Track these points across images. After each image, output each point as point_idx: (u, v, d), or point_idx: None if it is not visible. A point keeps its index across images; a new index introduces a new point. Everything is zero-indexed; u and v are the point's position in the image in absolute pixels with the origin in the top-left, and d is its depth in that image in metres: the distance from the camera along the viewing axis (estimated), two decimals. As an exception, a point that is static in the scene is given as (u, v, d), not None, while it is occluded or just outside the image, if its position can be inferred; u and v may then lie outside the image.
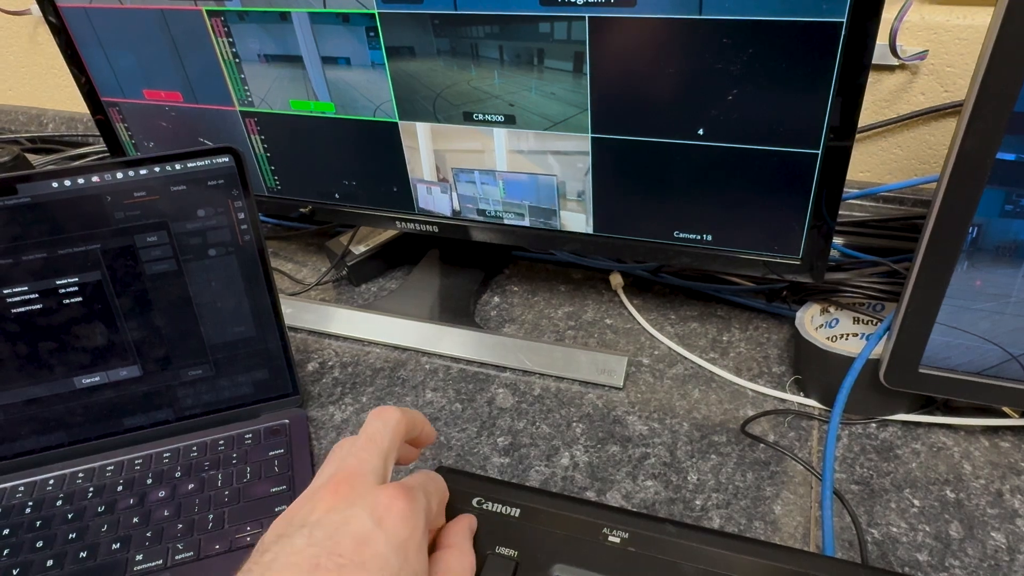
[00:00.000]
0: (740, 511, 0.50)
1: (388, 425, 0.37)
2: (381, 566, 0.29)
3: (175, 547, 0.49)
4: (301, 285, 0.78)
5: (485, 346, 0.66)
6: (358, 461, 0.34)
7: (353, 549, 0.29)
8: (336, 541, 0.30)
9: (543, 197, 0.62)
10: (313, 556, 0.29)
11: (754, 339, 0.66)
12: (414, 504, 0.33)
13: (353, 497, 0.32)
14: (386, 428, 0.37)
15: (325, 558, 0.29)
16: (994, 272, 0.45)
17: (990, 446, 0.54)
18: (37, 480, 0.54)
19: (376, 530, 0.31)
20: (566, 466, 0.55)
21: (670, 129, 0.54)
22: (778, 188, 0.53)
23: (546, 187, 0.61)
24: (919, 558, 0.46)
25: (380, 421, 0.37)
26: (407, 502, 0.32)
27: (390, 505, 0.32)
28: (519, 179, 0.61)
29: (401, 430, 0.37)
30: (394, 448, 0.36)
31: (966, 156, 0.42)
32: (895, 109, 0.68)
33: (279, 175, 0.71)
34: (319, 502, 0.32)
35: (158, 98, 0.69)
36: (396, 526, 0.31)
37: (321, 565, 0.29)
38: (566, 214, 0.62)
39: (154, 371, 0.56)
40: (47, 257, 0.51)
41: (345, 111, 0.63)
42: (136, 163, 0.51)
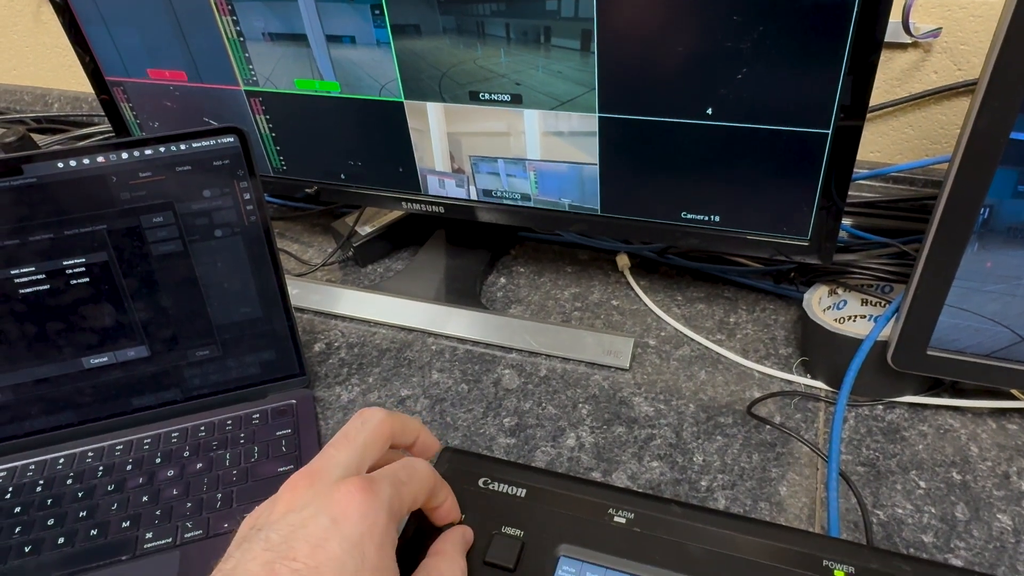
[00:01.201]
0: (745, 492, 0.50)
1: (367, 424, 0.36)
2: (337, 568, 0.29)
3: (184, 525, 0.49)
4: (307, 266, 0.78)
5: (491, 327, 0.66)
6: (324, 459, 0.34)
7: (308, 553, 0.29)
8: (291, 545, 0.29)
9: (588, 193, 0.53)
10: (269, 562, 0.29)
11: (761, 321, 0.66)
12: (374, 497, 0.31)
13: (310, 496, 0.31)
14: (364, 427, 0.36)
15: (280, 564, 0.29)
16: (1005, 253, 0.45)
17: (997, 428, 0.54)
18: (47, 459, 0.55)
19: (331, 529, 0.30)
20: (572, 447, 0.55)
21: (679, 108, 0.53)
22: (787, 168, 0.53)
23: (592, 181, 0.52)
24: (924, 539, 0.46)
25: (360, 420, 0.36)
26: (365, 495, 0.31)
27: (347, 501, 0.31)
28: (556, 170, 0.52)
29: (383, 431, 0.36)
30: (372, 448, 0.35)
31: (979, 135, 0.41)
32: (907, 88, 0.67)
33: (284, 155, 0.70)
34: (278, 503, 0.32)
35: (162, 77, 0.68)
36: (351, 524, 0.30)
37: (277, 572, 0.28)
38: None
39: (162, 351, 0.56)
40: (54, 238, 0.51)
41: (350, 90, 0.62)
42: (141, 143, 0.51)
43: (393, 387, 0.61)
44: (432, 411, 0.59)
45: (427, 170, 0.58)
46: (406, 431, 0.38)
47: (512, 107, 0.57)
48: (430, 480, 0.37)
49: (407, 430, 0.38)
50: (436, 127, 0.58)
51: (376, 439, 0.36)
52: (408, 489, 0.34)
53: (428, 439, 0.40)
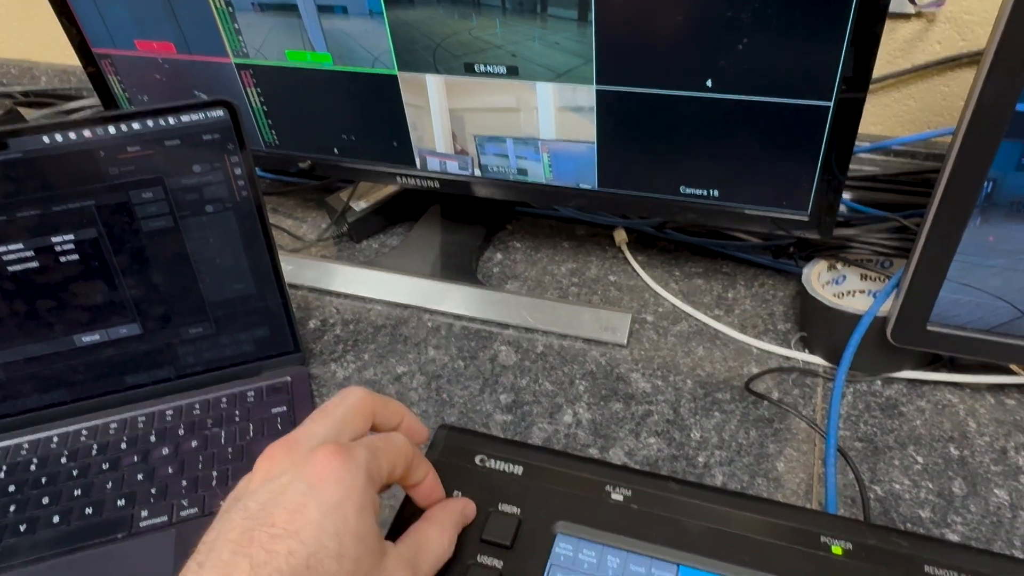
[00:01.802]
0: (743, 468, 0.50)
1: (346, 400, 0.36)
2: (316, 532, 0.29)
3: (179, 503, 0.49)
4: (301, 242, 0.78)
5: (488, 303, 0.66)
6: (301, 430, 0.33)
7: (287, 519, 0.29)
8: (269, 512, 0.29)
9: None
10: (248, 530, 0.29)
11: (759, 296, 0.66)
12: (350, 462, 0.31)
13: (287, 464, 0.31)
14: (343, 402, 0.35)
15: (259, 531, 0.28)
16: (1008, 227, 0.44)
17: (996, 403, 0.53)
18: (41, 438, 0.54)
19: (309, 495, 0.30)
20: (569, 423, 0.55)
21: (678, 80, 0.52)
22: (788, 142, 0.52)
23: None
24: (921, 515, 0.46)
25: (340, 396, 0.36)
26: (342, 460, 0.31)
27: (323, 467, 0.31)
28: (574, 151, 0.47)
29: (362, 409, 0.36)
30: (350, 423, 0.35)
31: (984, 108, 0.41)
32: (910, 59, 0.66)
33: (276, 129, 0.69)
34: (256, 473, 0.32)
35: (150, 49, 0.67)
36: (329, 488, 0.30)
37: (256, 539, 0.28)
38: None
39: (154, 329, 0.55)
40: (42, 214, 0.50)
41: (343, 62, 0.61)
42: (128, 117, 0.50)
43: (389, 364, 0.61)
44: (428, 388, 0.58)
45: (426, 151, 0.54)
46: (389, 412, 0.38)
47: (513, 79, 0.56)
48: (407, 451, 0.36)
49: (390, 411, 0.38)
50: (436, 103, 0.54)
51: (355, 415, 0.35)
52: (385, 455, 0.34)
53: (414, 424, 0.39)
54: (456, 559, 0.37)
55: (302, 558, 0.28)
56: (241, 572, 0.27)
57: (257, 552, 0.28)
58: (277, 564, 0.28)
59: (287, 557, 0.28)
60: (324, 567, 0.28)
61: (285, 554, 0.28)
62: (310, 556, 0.28)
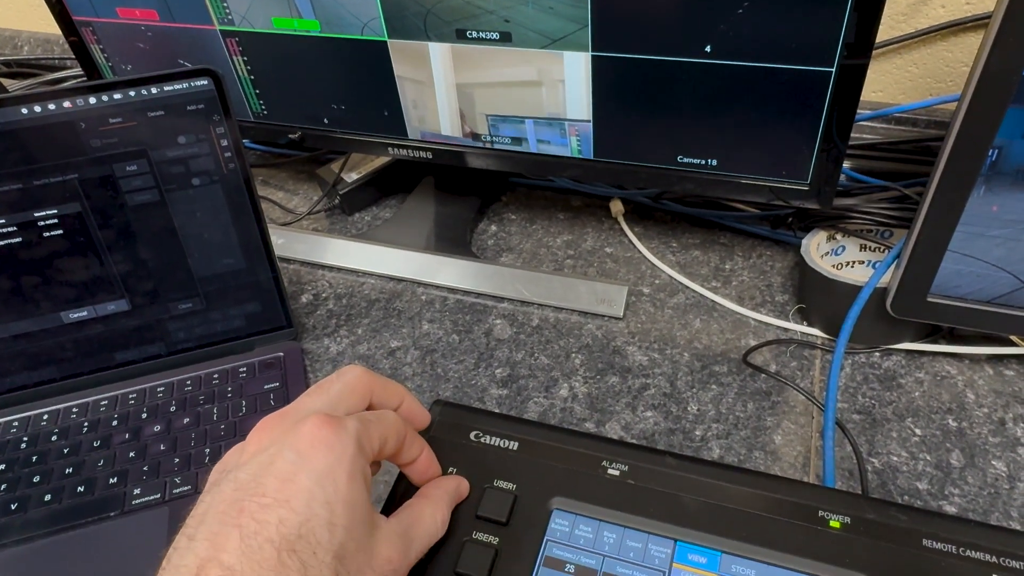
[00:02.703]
0: (740, 441, 0.50)
1: (343, 377, 0.35)
2: (306, 500, 0.28)
3: (172, 481, 0.49)
4: (292, 215, 0.76)
5: (482, 276, 0.65)
6: (294, 404, 0.33)
7: (277, 488, 0.29)
8: (259, 482, 0.29)
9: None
10: (238, 501, 0.28)
11: (757, 267, 0.65)
12: (339, 431, 0.31)
13: (276, 434, 0.31)
14: (340, 379, 0.35)
15: (249, 501, 0.28)
16: (1012, 197, 0.43)
17: (994, 374, 0.53)
18: (31, 415, 0.54)
19: (299, 463, 0.29)
20: (565, 397, 0.54)
21: (676, 46, 0.50)
22: (788, 109, 0.51)
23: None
24: (919, 487, 0.46)
25: (337, 374, 0.35)
26: (331, 429, 0.31)
27: (312, 436, 0.30)
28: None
29: (358, 386, 0.35)
30: (345, 399, 0.34)
31: (991, 73, 0.39)
32: (912, 24, 0.65)
33: (264, 99, 0.67)
34: (247, 446, 0.32)
35: (132, 16, 0.65)
36: (319, 456, 0.30)
37: (246, 509, 0.28)
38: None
39: (143, 305, 0.54)
40: (23, 188, 0.49)
41: (331, 29, 0.59)
42: (109, 87, 0.48)
43: (383, 338, 0.60)
44: (423, 362, 0.58)
45: (430, 134, 0.48)
46: (387, 392, 0.37)
47: (508, 45, 0.54)
48: (399, 428, 0.35)
49: (388, 392, 0.37)
50: (441, 76, 0.48)
51: (351, 392, 0.35)
52: (376, 428, 0.33)
53: (414, 407, 0.38)
54: (452, 535, 0.37)
55: (293, 527, 0.28)
56: (232, 543, 0.27)
57: (247, 522, 0.28)
58: (268, 534, 0.27)
59: (278, 526, 0.28)
60: (316, 536, 0.28)
61: (276, 523, 0.28)
62: (301, 525, 0.28)
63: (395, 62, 0.58)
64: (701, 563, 0.35)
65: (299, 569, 0.27)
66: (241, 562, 0.26)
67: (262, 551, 0.27)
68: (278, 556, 0.27)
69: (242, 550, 0.27)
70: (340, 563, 0.28)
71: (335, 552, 0.28)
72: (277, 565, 0.27)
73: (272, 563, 0.27)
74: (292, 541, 0.27)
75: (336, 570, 0.28)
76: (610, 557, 0.36)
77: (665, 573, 0.35)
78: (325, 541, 0.28)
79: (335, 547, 0.28)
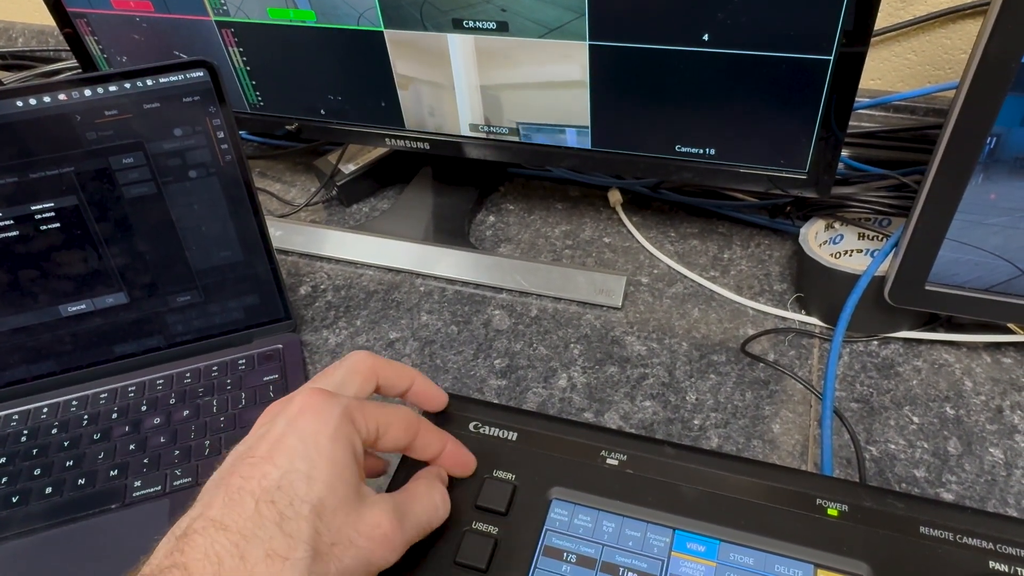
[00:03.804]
0: (739, 430, 0.50)
1: (346, 362, 0.36)
2: (288, 455, 0.30)
3: (173, 473, 0.49)
4: (290, 206, 0.76)
5: (481, 267, 0.65)
6: (298, 391, 0.34)
7: (266, 449, 0.31)
8: (253, 448, 0.31)
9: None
10: (231, 465, 0.31)
11: (756, 256, 0.65)
12: (328, 401, 0.32)
13: (276, 411, 0.33)
14: (344, 363, 0.36)
15: (240, 463, 0.30)
16: (1010, 185, 0.43)
17: (992, 362, 0.53)
18: (31, 408, 0.54)
19: (288, 428, 0.31)
20: (564, 387, 0.54)
21: (673, 34, 0.50)
22: (786, 98, 0.50)
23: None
24: (916, 474, 0.46)
25: (341, 360, 0.37)
26: (320, 398, 0.32)
27: (302, 403, 0.32)
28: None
29: (362, 369, 0.36)
30: (349, 383, 0.35)
31: (990, 60, 0.39)
32: (911, 11, 0.64)
33: (261, 90, 0.67)
34: (253, 428, 0.33)
35: (127, 7, 0.64)
36: (306, 421, 0.31)
37: (236, 470, 0.30)
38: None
39: (141, 297, 0.54)
40: (19, 181, 0.49)
41: (326, 19, 0.59)
42: (104, 79, 0.48)
43: (381, 330, 0.60)
44: (422, 353, 0.58)
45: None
46: (395, 374, 0.38)
47: (500, 35, 0.54)
48: (409, 420, 0.36)
49: (396, 373, 0.38)
50: (463, 78, 0.42)
51: (355, 376, 0.36)
52: (374, 411, 0.34)
53: (427, 388, 0.39)
54: (451, 526, 0.37)
55: (274, 479, 0.29)
56: (218, 499, 0.29)
57: (235, 480, 0.30)
58: (250, 487, 0.29)
59: (260, 480, 0.29)
60: (295, 488, 0.29)
61: (259, 477, 0.29)
62: (281, 477, 0.29)
63: (395, 58, 0.57)
64: (700, 551, 0.35)
65: (275, 518, 0.28)
66: (224, 514, 0.28)
67: (243, 502, 0.29)
68: (256, 506, 0.29)
69: (226, 503, 0.29)
70: (318, 517, 0.29)
71: (312, 504, 0.29)
72: (255, 515, 0.28)
73: (250, 512, 0.28)
74: (271, 492, 0.29)
75: (314, 524, 0.29)
76: (609, 546, 0.36)
77: (664, 562, 0.35)
78: (303, 492, 0.29)
79: (313, 499, 0.29)
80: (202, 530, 0.28)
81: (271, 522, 0.28)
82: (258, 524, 0.28)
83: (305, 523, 0.29)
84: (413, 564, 0.35)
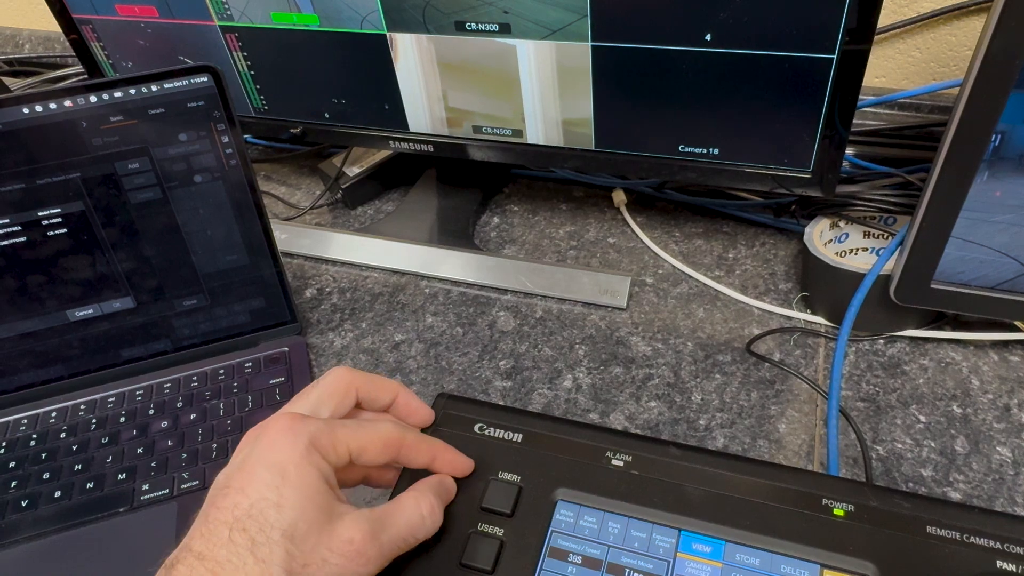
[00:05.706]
0: (744, 430, 0.50)
1: (322, 381, 0.37)
2: (259, 486, 0.31)
3: (180, 476, 0.49)
4: (295, 209, 0.76)
5: (485, 268, 0.65)
6: (277, 412, 0.35)
7: (240, 480, 0.32)
8: (228, 477, 0.32)
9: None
10: (211, 497, 0.32)
11: (761, 256, 0.65)
12: (296, 428, 0.33)
13: (250, 439, 0.34)
14: (319, 385, 0.36)
15: (217, 494, 0.32)
16: (1016, 182, 0.43)
17: (999, 360, 0.53)
18: (39, 413, 0.54)
19: (256, 457, 0.32)
20: (569, 388, 0.54)
21: (676, 34, 0.50)
22: (789, 97, 0.50)
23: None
24: (923, 474, 0.46)
25: (319, 379, 0.37)
26: (287, 426, 0.33)
27: (271, 432, 0.33)
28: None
29: (339, 387, 0.36)
30: (327, 401, 0.36)
31: (994, 57, 0.39)
32: (915, 8, 0.64)
33: (265, 94, 0.67)
34: (232, 458, 0.34)
35: (132, 13, 0.65)
36: (274, 451, 0.32)
37: (214, 502, 0.31)
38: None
39: (148, 302, 0.55)
40: (26, 188, 0.49)
41: (330, 23, 0.59)
42: (109, 86, 0.48)
43: (387, 332, 0.60)
44: (427, 355, 0.58)
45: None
46: (376, 389, 0.38)
47: (501, 37, 0.54)
48: (388, 435, 0.35)
49: (377, 388, 0.38)
50: (531, 80, 0.48)
51: (332, 393, 0.36)
52: (346, 436, 0.34)
53: (409, 401, 0.39)
54: (456, 528, 0.37)
55: (244, 508, 0.30)
56: (198, 532, 0.31)
57: (212, 512, 0.31)
58: (224, 517, 0.30)
59: (232, 510, 0.31)
60: (265, 515, 0.30)
61: (231, 508, 0.31)
62: (251, 506, 0.30)
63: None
64: (705, 552, 0.35)
65: (247, 544, 0.30)
66: (201, 544, 0.30)
67: (218, 532, 0.30)
68: (229, 534, 0.30)
69: (203, 534, 0.30)
70: (290, 540, 0.30)
71: (283, 530, 0.30)
72: (228, 542, 0.30)
73: (224, 540, 0.30)
74: (243, 520, 0.30)
75: (286, 547, 0.30)
76: (615, 547, 0.36)
77: (670, 562, 0.35)
78: (273, 519, 0.30)
79: (284, 525, 0.30)
80: (184, 561, 0.30)
81: (244, 548, 0.29)
82: (232, 551, 0.29)
83: (277, 547, 0.30)
84: (418, 567, 0.35)
